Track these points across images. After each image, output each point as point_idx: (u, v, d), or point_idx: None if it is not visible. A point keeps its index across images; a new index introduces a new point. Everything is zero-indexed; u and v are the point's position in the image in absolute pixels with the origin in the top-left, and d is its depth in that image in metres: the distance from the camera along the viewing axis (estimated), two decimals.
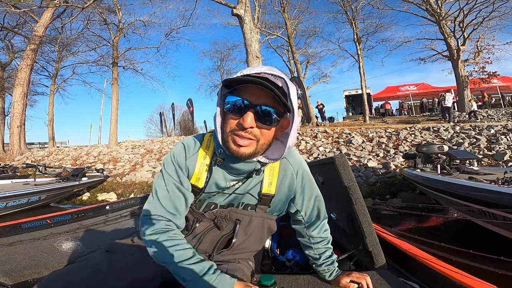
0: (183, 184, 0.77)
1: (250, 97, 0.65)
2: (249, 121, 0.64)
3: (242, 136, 0.66)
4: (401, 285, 0.86)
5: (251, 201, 0.83)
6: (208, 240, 0.84)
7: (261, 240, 0.92)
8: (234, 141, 0.67)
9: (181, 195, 0.76)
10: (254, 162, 0.74)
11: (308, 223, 0.90)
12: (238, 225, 0.82)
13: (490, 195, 2.29)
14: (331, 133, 9.13)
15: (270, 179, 0.82)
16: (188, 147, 0.80)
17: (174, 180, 0.76)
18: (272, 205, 0.85)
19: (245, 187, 0.81)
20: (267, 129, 0.68)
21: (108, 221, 1.96)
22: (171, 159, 0.78)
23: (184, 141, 0.81)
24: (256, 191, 0.82)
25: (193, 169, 0.78)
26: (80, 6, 9.73)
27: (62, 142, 21.03)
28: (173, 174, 0.77)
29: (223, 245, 0.85)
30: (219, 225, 0.83)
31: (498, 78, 14.47)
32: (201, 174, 0.78)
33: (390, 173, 5.71)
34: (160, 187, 0.76)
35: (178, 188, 0.76)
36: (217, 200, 0.82)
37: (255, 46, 7.24)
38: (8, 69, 14.29)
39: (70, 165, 9.15)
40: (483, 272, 0.92)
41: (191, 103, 18.36)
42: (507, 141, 6.24)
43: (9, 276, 1.10)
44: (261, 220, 0.86)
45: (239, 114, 0.65)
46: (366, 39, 15.19)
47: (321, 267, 0.89)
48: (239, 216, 0.83)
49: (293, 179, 0.84)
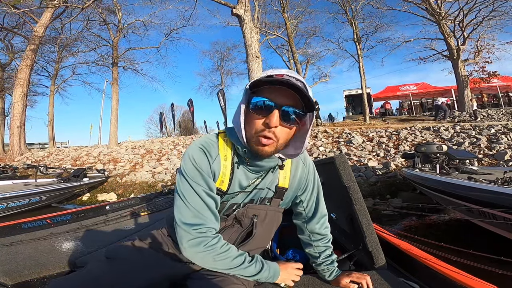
0: (212, 190, 0.75)
1: (275, 98, 0.67)
2: (275, 120, 0.66)
3: (266, 135, 0.68)
4: (401, 285, 0.86)
5: (269, 194, 0.87)
6: (226, 237, 0.83)
7: (271, 234, 0.96)
8: (258, 140, 0.69)
9: (213, 201, 0.75)
10: (276, 159, 0.77)
11: (308, 217, 0.92)
12: (255, 220, 0.85)
13: (489, 195, 2.27)
14: (331, 133, 9.13)
15: (284, 173, 0.87)
16: (209, 151, 0.76)
17: (205, 188, 0.73)
18: (284, 198, 0.89)
19: (264, 182, 0.84)
20: (289, 128, 0.71)
21: (108, 221, 1.96)
22: (193, 165, 0.73)
23: (199, 144, 0.77)
24: (273, 185, 0.86)
25: (218, 173, 0.77)
26: (80, 6, 9.72)
27: (62, 143, 21.06)
28: (200, 182, 0.73)
29: (241, 240, 0.87)
30: (241, 222, 0.86)
31: (498, 78, 14.46)
32: (225, 176, 0.78)
33: (391, 173, 5.70)
34: (191, 196, 0.72)
35: (209, 195, 0.74)
36: (239, 199, 0.84)
37: (255, 46, 7.24)
38: (8, 69, 14.29)
39: (70, 165, 9.14)
40: (483, 272, 0.91)
41: (192, 103, 18.37)
42: (508, 141, 6.23)
43: (9, 276, 1.10)
44: (275, 213, 0.90)
45: (265, 114, 0.68)
46: (366, 39, 15.22)
47: (320, 266, 0.89)
48: (255, 211, 0.86)
49: (304, 171, 0.89)
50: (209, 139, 0.80)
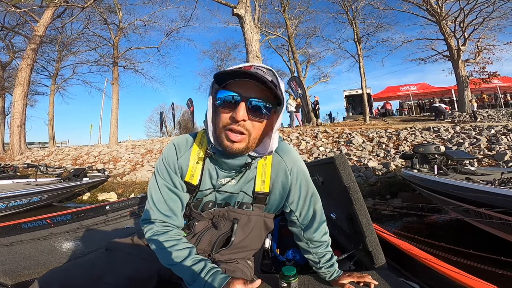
0: (176, 186, 0.78)
1: (241, 91, 0.66)
2: (242, 114, 0.65)
3: (235, 130, 0.67)
4: (401, 285, 0.86)
5: (246, 199, 0.84)
6: (207, 239, 0.84)
7: (259, 239, 0.92)
8: (227, 136, 0.68)
9: (176, 196, 0.77)
10: (244, 156, 0.75)
11: (304, 225, 0.88)
12: (235, 224, 0.82)
13: (485, 196, 2.27)
14: (331, 133, 9.13)
15: (262, 177, 0.82)
16: (179, 147, 0.80)
17: (167, 183, 0.77)
18: (268, 203, 0.85)
19: (239, 185, 0.81)
20: (259, 122, 0.69)
21: (108, 221, 1.96)
22: (162, 161, 0.79)
23: (174, 141, 0.81)
24: (250, 190, 0.82)
25: (187, 167, 0.78)
26: (81, 6, 9.72)
27: (62, 142, 21.06)
28: (165, 176, 0.77)
29: (221, 244, 0.85)
30: (216, 224, 0.83)
31: (498, 78, 14.45)
32: (195, 170, 0.79)
33: (391, 173, 5.70)
34: (154, 190, 0.78)
35: (171, 190, 0.77)
36: (213, 198, 0.83)
37: (256, 46, 7.24)
38: (9, 68, 14.29)
39: (71, 165, 9.14)
40: (483, 272, 0.91)
41: (192, 103, 18.37)
42: (507, 141, 6.22)
43: (9, 276, 1.10)
44: (259, 218, 0.86)
45: (231, 108, 0.67)
46: (367, 39, 15.18)
47: (321, 270, 0.88)
48: (237, 215, 0.83)
49: (287, 176, 0.83)
50: (185, 136, 0.83)
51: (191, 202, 0.83)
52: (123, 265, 0.78)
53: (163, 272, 0.81)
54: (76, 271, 0.74)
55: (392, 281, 0.87)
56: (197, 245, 0.83)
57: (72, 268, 0.76)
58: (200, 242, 0.84)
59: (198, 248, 0.82)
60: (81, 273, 0.74)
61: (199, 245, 0.84)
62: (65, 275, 0.73)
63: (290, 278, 0.75)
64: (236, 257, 0.86)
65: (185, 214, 0.84)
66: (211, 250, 0.84)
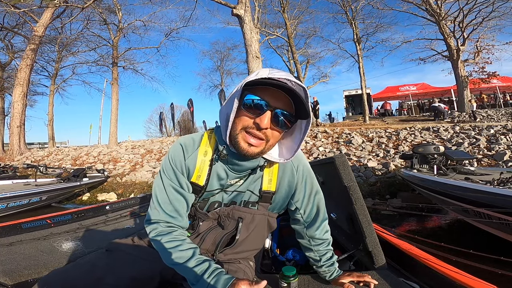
0: (182, 186, 0.77)
1: (270, 100, 0.66)
2: (266, 122, 0.65)
3: (255, 135, 0.67)
4: (401, 285, 0.86)
5: (252, 198, 0.84)
6: (211, 238, 0.84)
7: (262, 238, 0.92)
8: (245, 139, 0.68)
9: (181, 197, 0.77)
10: (259, 159, 0.75)
11: (307, 223, 0.89)
12: (240, 223, 0.82)
13: (484, 196, 2.27)
14: (331, 133, 9.13)
15: (269, 176, 0.83)
16: (186, 147, 0.79)
17: (173, 183, 0.76)
18: (273, 202, 0.86)
19: (246, 184, 0.81)
20: (278, 132, 0.70)
21: (108, 221, 1.96)
22: (169, 161, 0.77)
23: (181, 141, 0.80)
24: (256, 189, 0.83)
25: (194, 168, 0.78)
26: (80, 6, 9.70)
27: (62, 142, 21.06)
28: (171, 176, 0.77)
29: (226, 243, 0.85)
30: (222, 224, 0.83)
31: (497, 78, 14.47)
32: (202, 171, 0.78)
33: (390, 173, 5.71)
34: (159, 190, 0.77)
35: (177, 191, 0.76)
36: (220, 198, 0.83)
37: (255, 46, 7.24)
38: (8, 69, 14.26)
39: (70, 165, 9.13)
40: (483, 272, 0.92)
41: (192, 103, 18.37)
42: (507, 141, 6.23)
43: (9, 276, 1.10)
44: (263, 217, 0.86)
45: (256, 114, 0.66)
46: (366, 39, 15.18)
47: (321, 268, 0.89)
48: (242, 214, 0.83)
49: (293, 175, 0.84)
50: (192, 136, 0.82)
51: (197, 202, 0.82)
52: (124, 266, 0.78)
53: (165, 273, 0.81)
54: (76, 272, 0.74)
55: (392, 281, 0.87)
56: (201, 245, 0.83)
57: (72, 269, 0.76)
58: (204, 242, 0.84)
59: (201, 248, 0.82)
60: (81, 274, 0.74)
61: (202, 245, 0.84)
62: (65, 276, 0.73)
63: (290, 278, 0.75)
64: (239, 257, 0.86)
65: (190, 214, 0.83)
66: (215, 249, 0.83)
